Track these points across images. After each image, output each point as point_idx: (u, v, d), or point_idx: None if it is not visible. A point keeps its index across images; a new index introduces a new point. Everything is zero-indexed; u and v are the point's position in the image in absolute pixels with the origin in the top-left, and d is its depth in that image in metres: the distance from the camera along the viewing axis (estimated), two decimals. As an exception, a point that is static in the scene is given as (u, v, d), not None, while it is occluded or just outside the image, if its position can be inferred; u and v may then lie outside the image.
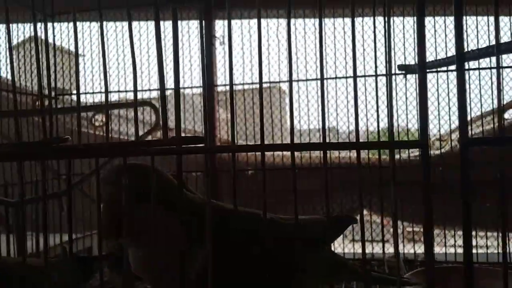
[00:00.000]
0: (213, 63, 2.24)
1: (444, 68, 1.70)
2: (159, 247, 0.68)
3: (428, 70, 1.79)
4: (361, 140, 0.53)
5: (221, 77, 2.21)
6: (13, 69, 0.66)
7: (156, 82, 1.98)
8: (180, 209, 0.58)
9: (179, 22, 2.04)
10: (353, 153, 2.03)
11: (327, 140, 0.52)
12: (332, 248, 1.19)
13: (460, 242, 1.78)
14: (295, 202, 0.59)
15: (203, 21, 1.53)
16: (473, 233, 1.78)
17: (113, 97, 2.01)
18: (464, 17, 1.82)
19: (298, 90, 1.95)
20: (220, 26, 2.29)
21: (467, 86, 1.78)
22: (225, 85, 2.11)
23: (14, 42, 2.09)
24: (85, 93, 1.89)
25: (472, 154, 0.45)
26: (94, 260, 1.09)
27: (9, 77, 1.97)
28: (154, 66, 2.02)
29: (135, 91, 0.61)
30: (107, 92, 0.61)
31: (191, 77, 2.04)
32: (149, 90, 1.96)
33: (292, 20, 1.74)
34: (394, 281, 0.95)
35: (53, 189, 1.81)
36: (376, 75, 1.72)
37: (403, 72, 1.58)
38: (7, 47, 0.62)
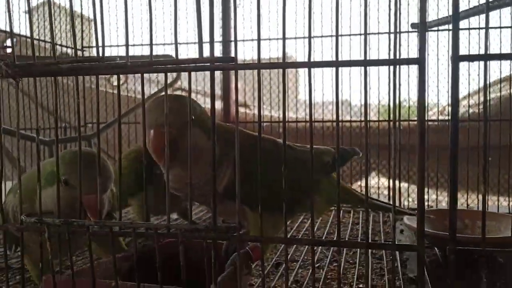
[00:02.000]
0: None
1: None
2: (196, 166, 0.79)
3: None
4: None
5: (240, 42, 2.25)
6: (52, 24, 0.76)
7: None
8: (214, 132, 0.66)
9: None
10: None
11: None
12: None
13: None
14: (311, 134, 0.67)
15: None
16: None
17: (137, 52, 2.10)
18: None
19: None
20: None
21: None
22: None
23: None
24: (110, 46, 1.98)
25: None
26: None
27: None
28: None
29: (151, 44, 0.69)
30: (127, 45, 0.68)
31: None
32: (171, 44, 2.04)
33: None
34: (390, 208, 1.08)
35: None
36: (390, 32, 1.77)
37: (416, 30, 1.64)
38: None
